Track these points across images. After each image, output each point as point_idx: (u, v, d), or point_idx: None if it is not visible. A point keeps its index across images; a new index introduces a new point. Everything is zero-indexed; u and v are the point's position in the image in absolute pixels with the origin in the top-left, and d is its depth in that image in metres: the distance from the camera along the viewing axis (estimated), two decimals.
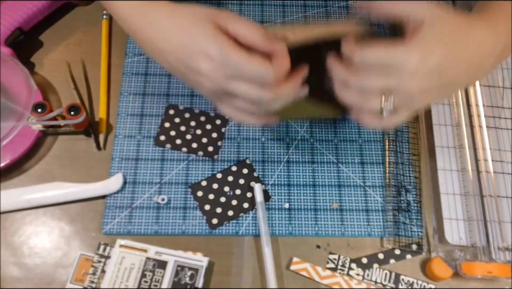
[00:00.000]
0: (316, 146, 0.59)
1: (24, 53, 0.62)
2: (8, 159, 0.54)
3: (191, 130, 0.57)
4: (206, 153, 0.57)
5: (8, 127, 0.54)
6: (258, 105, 0.45)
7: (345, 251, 0.54)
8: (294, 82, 0.44)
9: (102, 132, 0.58)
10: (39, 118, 0.55)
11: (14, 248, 0.52)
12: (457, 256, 0.52)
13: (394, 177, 0.57)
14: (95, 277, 0.50)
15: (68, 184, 0.54)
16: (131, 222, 0.54)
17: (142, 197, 0.55)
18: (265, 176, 0.57)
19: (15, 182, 0.55)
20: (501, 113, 0.60)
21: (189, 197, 0.55)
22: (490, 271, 0.50)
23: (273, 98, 0.43)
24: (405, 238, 0.54)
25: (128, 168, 0.56)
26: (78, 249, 0.52)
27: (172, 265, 0.50)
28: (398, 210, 0.55)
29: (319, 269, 0.52)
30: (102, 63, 0.62)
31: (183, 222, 0.54)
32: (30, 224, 0.53)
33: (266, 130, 0.60)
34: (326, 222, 0.55)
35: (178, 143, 0.58)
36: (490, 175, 0.56)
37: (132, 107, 0.60)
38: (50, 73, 0.62)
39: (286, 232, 0.54)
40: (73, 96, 0.60)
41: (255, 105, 0.45)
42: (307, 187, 0.56)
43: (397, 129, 0.60)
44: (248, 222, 0.54)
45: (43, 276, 0.51)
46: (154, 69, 0.62)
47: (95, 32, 0.65)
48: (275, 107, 0.45)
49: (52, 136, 0.58)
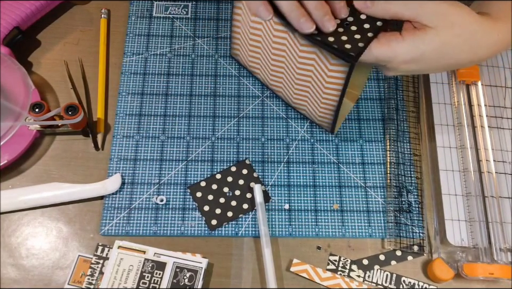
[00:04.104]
0: (316, 146, 0.58)
1: (22, 52, 0.62)
2: (6, 159, 0.54)
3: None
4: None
5: (5, 127, 0.53)
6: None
7: (346, 252, 0.53)
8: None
9: (100, 132, 0.58)
10: (36, 118, 0.55)
11: (12, 249, 0.52)
12: (459, 257, 0.52)
13: (395, 178, 0.56)
14: (93, 278, 0.50)
15: (65, 185, 0.54)
16: (129, 223, 0.53)
17: (140, 197, 0.55)
18: (265, 177, 0.56)
19: (13, 183, 0.55)
20: (503, 113, 0.60)
21: (188, 198, 0.55)
22: (492, 272, 0.50)
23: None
24: (406, 239, 0.54)
25: (126, 169, 0.56)
26: (76, 250, 0.52)
27: (171, 267, 0.50)
28: (399, 211, 0.55)
29: (319, 270, 0.52)
30: (100, 62, 0.62)
31: (182, 223, 0.54)
32: (28, 225, 0.53)
33: (266, 130, 0.59)
34: (327, 223, 0.54)
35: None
36: (492, 175, 0.55)
37: (130, 107, 0.60)
38: (48, 72, 0.61)
39: (286, 233, 0.54)
40: (71, 96, 0.60)
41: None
42: (307, 188, 0.56)
43: (398, 129, 0.59)
44: (247, 223, 0.54)
45: (41, 277, 0.50)
46: (152, 68, 0.62)
47: (93, 31, 0.64)
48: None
49: (50, 136, 0.58)
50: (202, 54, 0.64)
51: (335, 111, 0.53)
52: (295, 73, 0.53)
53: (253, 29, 0.53)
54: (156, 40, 0.64)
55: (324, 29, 0.46)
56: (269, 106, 0.61)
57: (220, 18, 0.66)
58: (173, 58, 0.63)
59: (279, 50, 0.52)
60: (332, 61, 0.47)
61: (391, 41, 0.45)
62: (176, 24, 0.65)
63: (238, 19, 0.55)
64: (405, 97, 0.61)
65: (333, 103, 0.52)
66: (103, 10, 0.65)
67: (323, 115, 0.55)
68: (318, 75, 0.50)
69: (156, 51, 0.63)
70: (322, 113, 0.55)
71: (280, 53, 0.53)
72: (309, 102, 0.55)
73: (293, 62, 0.52)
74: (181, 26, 0.65)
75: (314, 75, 0.51)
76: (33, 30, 0.63)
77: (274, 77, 0.57)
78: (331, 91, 0.51)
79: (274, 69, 0.56)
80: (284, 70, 0.54)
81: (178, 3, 0.67)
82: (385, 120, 0.60)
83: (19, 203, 0.53)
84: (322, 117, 0.56)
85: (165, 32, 0.65)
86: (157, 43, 0.64)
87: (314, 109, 0.55)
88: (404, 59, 0.46)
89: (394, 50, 0.45)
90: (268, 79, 0.59)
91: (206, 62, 0.63)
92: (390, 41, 0.45)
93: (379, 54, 0.45)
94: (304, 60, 0.50)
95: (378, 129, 0.60)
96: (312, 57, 0.49)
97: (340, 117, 0.57)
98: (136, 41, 0.64)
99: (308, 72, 0.51)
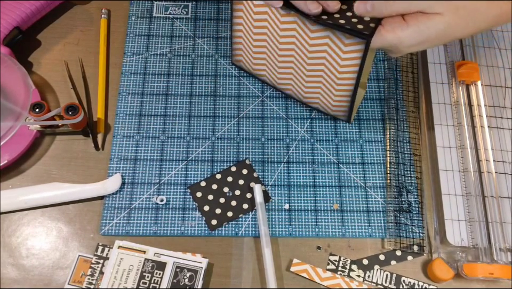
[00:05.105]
0: (316, 146, 0.58)
1: (22, 53, 0.62)
2: (6, 159, 0.54)
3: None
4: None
5: (5, 127, 0.53)
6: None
7: (346, 252, 0.53)
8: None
9: (100, 132, 0.58)
10: (37, 118, 0.55)
11: (12, 249, 0.52)
12: (459, 257, 0.52)
13: (395, 178, 0.56)
14: (93, 278, 0.50)
15: (65, 185, 0.54)
16: (130, 223, 0.53)
17: (140, 197, 0.55)
18: (265, 177, 0.56)
19: (13, 183, 0.55)
20: (503, 113, 0.60)
21: (188, 198, 0.55)
22: (492, 272, 0.50)
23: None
24: (406, 239, 0.54)
25: (126, 169, 0.56)
26: (76, 250, 0.52)
27: (171, 267, 0.50)
28: (399, 211, 0.55)
29: (319, 270, 0.52)
30: (100, 62, 0.62)
31: (182, 223, 0.54)
32: (28, 225, 0.53)
33: (266, 130, 0.59)
34: (327, 223, 0.54)
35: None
36: (492, 175, 0.55)
37: (130, 107, 0.60)
38: (48, 72, 0.61)
39: (286, 233, 0.54)
40: (71, 96, 0.60)
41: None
42: (307, 187, 0.56)
43: (398, 129, 0.59)
44: (247, 223, 0.54)
45: (41, 277, 0.50)
46: (153, 68, 0.62)
47: (93, 31, 0.64)
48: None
49: (50, 136, 0.58)
50: (202, 54, 0.64)
51: (351, 96, 0.53)
52: (306, 64, 0.53)
53: (257, 28, 0.53)
54: (156, 40, 0.64)
55: (328, 9, 0.47)
56: (269, 106, 0.61)
57: (219, 18, 0.66)
58: (173, 58, 0.63)
59: (287, 44, 0.52)
60: (346, 41, 0.47)
61: (395, 28, 0.45)
62: (176, 24, 0.65)
63: (239, 22, 0.55)
64: (405, 97, 0.61)
65: (348, 88, 0.52)
66: (103, 10, 0.65)
67: (338, 104, 0.55)
68: (331, 60, 0.50)
69: (156, 51, 0.63)
70: (337, 101, 0.55)
71: (288, 47, 0.53)
72: (322, 93, 0.55)
73: (303, 52, 0.52)
74: (181, 26, 0.65)
75: (328, 61, 0.51)
76: (33, 30, 0.63)
77: (282, 75, 0.57)
78: (346, 75, 0.50)
79: (282, 65, 0.55)
80: (293, 65, 0.54)
81: (178, 4, 0.67)
82: (385, 120, 0.60)
83: (19, 203, 0.53)
84: (338, 105, 0.55)
85: (165, 32, 0.65)
86: (157, 43, 0.64)
87: (328, 99, 0.55)
88: (408, 44, 0.46)
89: (399, 37, 0.45)
90: (275, 79, 0.58)
91: (206, 62, 0.63)
92: (395, 28, 0.45)
93: (384, 41, 0.45)
94: (316, 48, 0.50)
95: (378, 129, 0.60)
96: (324, 42, 0.49)
97: (355, 104, 0.56)
98: (136, 41, 0.64)
99: (320, 60, 0.51)
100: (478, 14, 0.46)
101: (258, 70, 0.59)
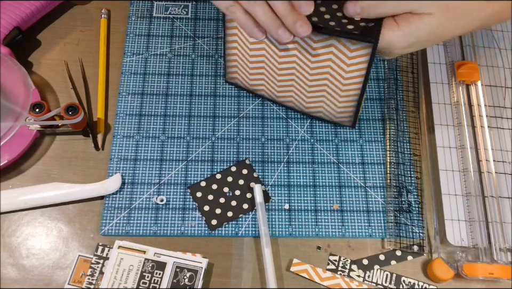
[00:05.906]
0: (316, 146, 0.58)
1: (22, 53, 0.62)
2: (6, 159, 0.54)
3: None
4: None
5: (5, 127, 0.53)
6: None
7: (346, 252, 0.53)
8: None
9: (100, 132, 0.58)
10: (37, 118, 0.55)
11: (12, 249, 0.52)
12: (459, 257, 0.52)
13: (395, 178, 0.56)
14: (93, 278, 0.50)
15: (65, 185, 0.54)
16: (130, 223, 0.53)
17: (140, 197, 0.55)
18: (265, 177, 0.56)
19: (13, 183, 0.55)
20: (503, 113, 0.60)
21: (188, 198, 0.55)
22: (492, 272, 0.50)
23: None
24: (406, 239, 0.54)
25: (126, 169, 0.56)
26: (76, 250, 0.52)
27: (171, 267, 0.50)
28: (399, 211, 0.55)
29: (319, 270, 0.52)
30: (100, 62, 0.62)
31: (182, 223, 0.54)
32: (28, 225, 0.53)
33: (266, 130, 0.59)
34: (327, 223, 0.54)
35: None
36: (492, 175, 0.55)
37: (130, 107, 0.60)
38: (48, 72, 0.61)
39: (286, 233, 0.54)
40: (71, 96, 0.60)
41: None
42: (307, 188, 0.56)
43: (398, 129, 0.59)
44: (247, 223, 0.54)
45: (41, 277, 0.50)
46: (153, 68, 0.62)
47: (93, 31, 0.64)
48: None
49: (50, 136, 0.58)
50: (202, 54, 0.64)
51: (357, 100, 0.53)
52: (309, 74, 0.52)
53: (254, 44, 0.52)
54: (156, 40, 0.64)
55: (301, 10, 0.44)
56: (269, 106, 0.61)
57: (220, 18, 0.66)
58: (173, 58, 0.63)
59: (287, 57, 0.52)
60: (352, 47, 0.47)
61: (387, 30, 0.45)
62: (176, 24, 0.65)
63: (234, 39, 0.54)
64: (405, 97, 0.61)
65: (354, 93, 0.52)
66: (103, 10, 0.65)
67: (343, 110, 0.55)
68: (336, 68, 0.50)
69: (156, 51, 0.63)
70: (342, 108, 0.55)
71: (288, 60, 0.52)
72: (326, 101, 0.55)
73: (304, 63, 0.51)
74: (181, 26, 0.65)
75: (332, 69, 0.50)
76: (33, 30, 0.63)
77: (282, 88, 0.56)
78: (352, 80, 0.50)
79: (282, 79, 0.55)
80: (294, 77, 0.54)
81: (178, 4, 0.67)
82: (385, 120, 0.60)
83: (19, 203, 0.53)
84: (342, 112, 0.55)
85: (165, 32, 0.65)
86: (157, 43, 0.64)
87: (332, 106, 0.55)
88: (401, 46, 0.46)
89: (391, 39, 0.45)
90: (275, 94, 0.58)
91: (206, 62, 0.63)
92: (386, 30, 0.45)
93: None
94: (320, 57, 0.50)
95: (378, 129, 0.60)
96: (329, 51, 0.49)
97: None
98: (136, 41, 0.64)
99: (325, 69, 0.51)
100: (469, 14, 0.46)
101: (256, 85, 0.59)
